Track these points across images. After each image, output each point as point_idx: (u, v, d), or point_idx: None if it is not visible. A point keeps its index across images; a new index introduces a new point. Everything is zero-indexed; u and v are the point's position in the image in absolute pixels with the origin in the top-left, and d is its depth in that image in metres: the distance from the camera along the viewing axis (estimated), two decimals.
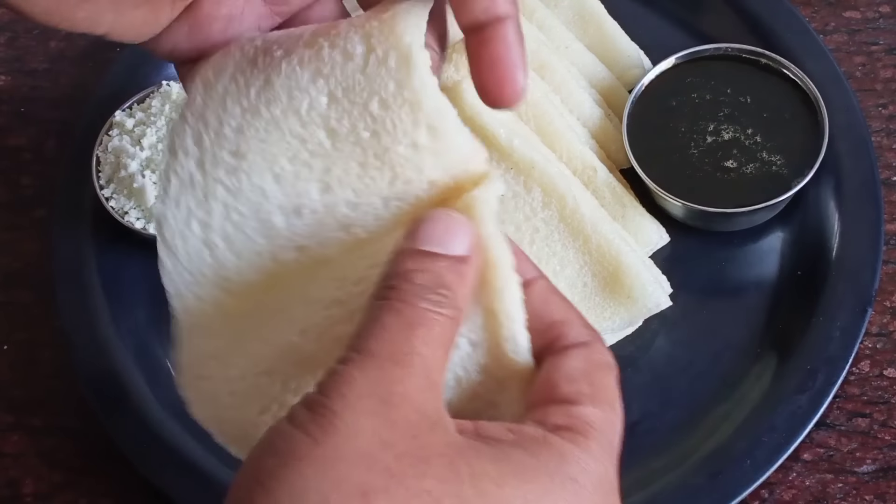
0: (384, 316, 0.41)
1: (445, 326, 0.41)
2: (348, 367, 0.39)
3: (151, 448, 0.77)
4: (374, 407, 0.39)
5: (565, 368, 0.44)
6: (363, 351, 0.40)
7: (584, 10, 0.92)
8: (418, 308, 0.41)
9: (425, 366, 0.40)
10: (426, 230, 0.43)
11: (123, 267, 0.86)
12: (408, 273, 0.42)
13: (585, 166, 0.83)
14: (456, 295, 0.42)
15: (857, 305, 0.77)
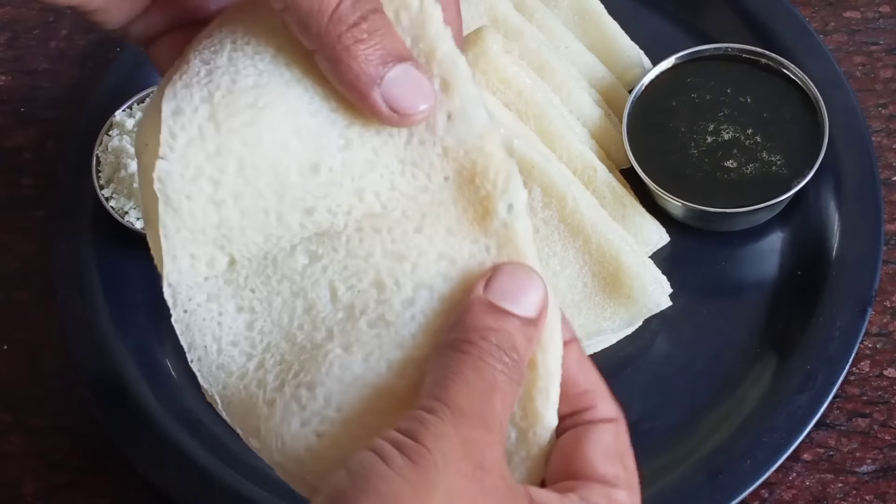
0: (467, 372, 0.42)
1: (514, 391, 0.43)
2: (442, 421, 0.41)
3: (151, 448, 0.77)
4: (470, 471, 0.40)
5: (601, 445, 0.46)
6: (452, 406, 0.41)
7: (584, 10, 0.92)
8: (497, 371, 0.43)
9: (502, 432, 0.42)
10: (502, 283, 0.45)
11: (123, 267, 0.86)
12: (485, 331, 0.43)
13: (585, 166, 0.83)
14: (523, 359, 0.44)
15: (857, 305, 0.77)
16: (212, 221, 0.49)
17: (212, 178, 0.49)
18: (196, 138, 0.48)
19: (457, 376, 0.42)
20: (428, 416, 0.41)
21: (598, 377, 0.48)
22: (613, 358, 0.80)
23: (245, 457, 0.78)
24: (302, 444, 0.46)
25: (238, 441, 0.79)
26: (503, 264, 0.46)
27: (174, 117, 0.48)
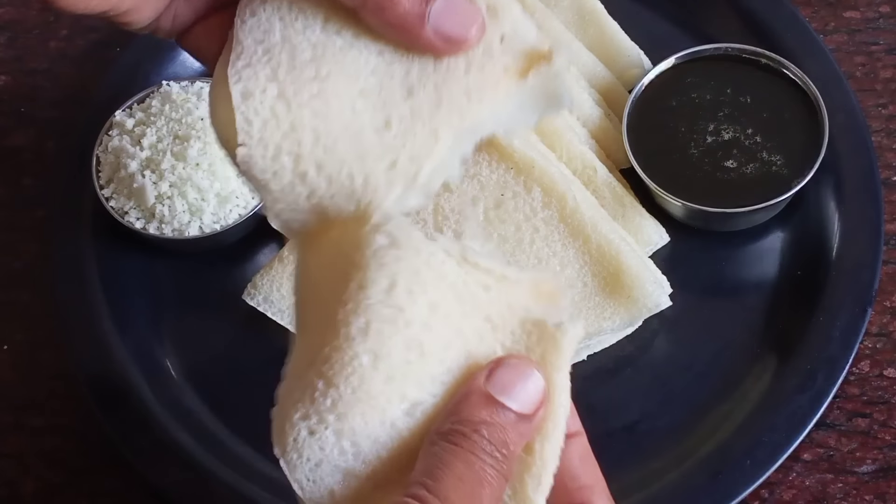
0: (458, 465, 0.43)
1: (502, 486, 0.44)
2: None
3: (151, 448, 0.77)
4: None
5: None
6: (442, 498, 0.42)
7: (584, 10, 0.92)
8: (486, 465, 0.43)
9: None
10: (503, 376, 0.45)
11: (123, 267, 0.86)
12: (479, 424, 0.44)
13: (585, 166, 0.83)
14: (513, 455, 0.44)
15: (857, 305, 0.77)
16: (301, 194, 0.50)
17: (291, 152, 0.49)
18: (270, 119, 0.49)
19: (448, 468, 0.43)
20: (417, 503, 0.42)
21: (599, 474, 0.49)
22: (613, 358, 0.80)
23: (245, 457, 0.78)
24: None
25: (238, 441, 0.80)
26: (507, 356, 0.46)
27: (244, 102, 0.49)
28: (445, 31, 0.46)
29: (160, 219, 0.83)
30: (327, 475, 0.45)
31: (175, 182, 0.82)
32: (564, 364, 0.46)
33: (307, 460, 0.45)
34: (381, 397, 0.45)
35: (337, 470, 0.45)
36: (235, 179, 0.83)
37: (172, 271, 0.86)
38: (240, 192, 0.84)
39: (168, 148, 0.83)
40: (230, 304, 0.83)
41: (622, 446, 0.76)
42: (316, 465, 0.45)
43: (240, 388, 0.81)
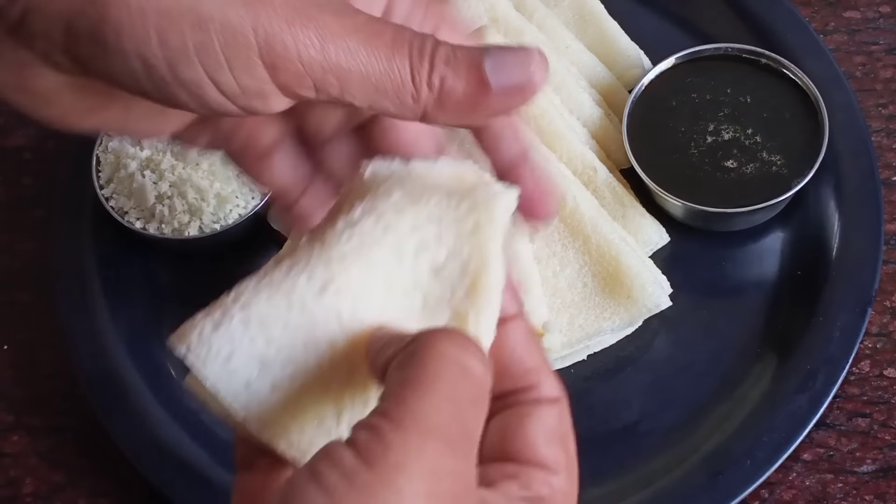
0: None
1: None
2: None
3: (151, 448, 0.77)
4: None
5: (543, 426, 0.44)
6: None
7: (584, 10, 0.92)
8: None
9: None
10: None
11: (123, 267, 0.86)
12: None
13: (585, 166, 0.83)
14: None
15: (857, 305, 0.77)
16: None
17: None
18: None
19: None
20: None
21: (544, 356, 0.46)
22: (613, 358, 0.80)
23: None
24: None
25: None
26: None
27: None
28: (508, 82, 0.43)
29: (160, 219, 0.83)
30: (242, 366, 0.43)
31: (175, 182, 0.82)
32: (498, 232, 0.43)
33: (216, 353, 0.43)
34: (285, 281, 0.44)
35: (252, 359, 0.43)
36: (235, 179, 0.83)
37: (172, 271, 0.86)
38: (240, 192, 0.84)
39: (168, 148, 0.83)
40: None
41: (622, 446, 0.76)
42: (227, 358, 0.44)
43: None
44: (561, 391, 0.45)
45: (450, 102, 0.43)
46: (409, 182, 0.44)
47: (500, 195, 0.44)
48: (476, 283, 0.43)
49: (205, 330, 0.44)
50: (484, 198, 0.44)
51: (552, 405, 0.44)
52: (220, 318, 0.44)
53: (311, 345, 0.43)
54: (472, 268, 0.43)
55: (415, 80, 0.42)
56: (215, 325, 0.44)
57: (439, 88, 0.43)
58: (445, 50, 0.43)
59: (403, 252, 0.43)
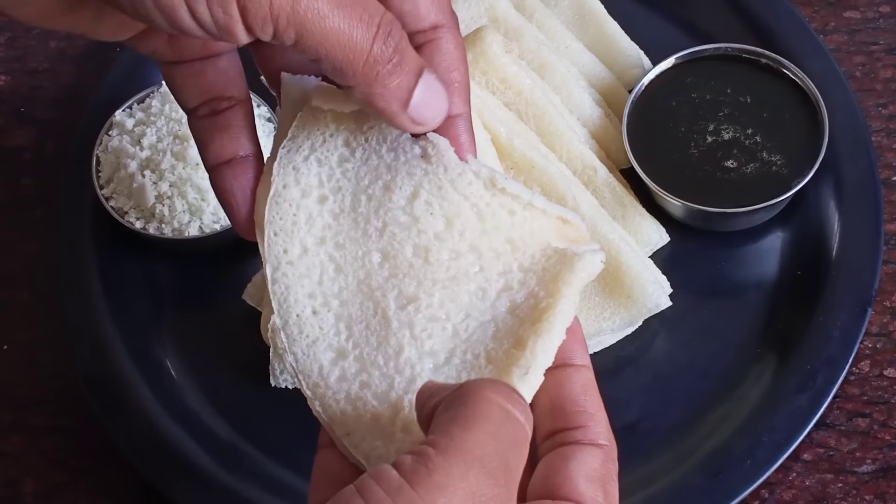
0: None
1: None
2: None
3: (151, 448, 0.77)
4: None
5: (586, 467, 0.46)
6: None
7: (584, 10, 0.92)
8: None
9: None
10: None
11: (123, 267, 0.86)
12: None
13: (585, 166, 0.83)
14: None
15: (857, 305, 0.77)
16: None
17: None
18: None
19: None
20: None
21: (601, 406, 0.49)
22: (613, 358, 0.80)
23: (245, 457, 0.78)
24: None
25: (237, 441, 0.79)
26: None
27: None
28: (421, 118, 0.48)
29: (160, 219, 0.83)
30: (321, 352, 0.50)
31: (175, 182, 0.82)
32: (576, 282, 0.48)
33: (306, 336, 0.50)
34: (377, 292, 0.50)
35: (330, 348, 0.50)
36: None
37: (172, 271, 0.86)
38: None
39: (168, 148, 0.83)
40: (230, 304, 0.83)
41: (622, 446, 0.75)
42: (312, 342, 0.50)
43: (239, 388, 0.81)
44: (610, 440, 0.48)
45: (376, 98, 0.47)
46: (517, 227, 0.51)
47: (589, 256, 0.49)
48: (543, 316, 0.48)
49: (304, 313, 0.51)
50: (573, 256, 0.49)
51: (598, 449, 0.47)
52: (319, 308, 0.51)
53: (381, 350, 0.49)
54: (543, 304, 0.48)
55: (372, 51, 0.45)
56: (314, 311, 0.51)
57: (381, 82, 0.46)
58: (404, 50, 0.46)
59: (488, 291, 0.50)
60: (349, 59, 0.45)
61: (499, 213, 0.50)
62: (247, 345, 0.81)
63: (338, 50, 0.45)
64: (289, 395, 0.78)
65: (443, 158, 0.50)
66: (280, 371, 0.77)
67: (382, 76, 0.46)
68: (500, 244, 0.50)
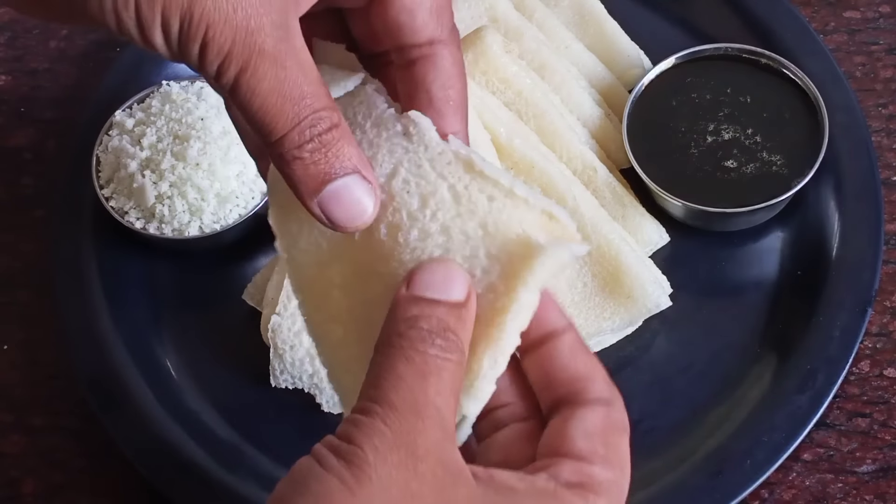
0: (398, 365, 0.43)
1: (453, 372, 0.43)
2: (374, 420, 0.42)
3: (151, 448, 0.77)
4: (402, 459, 0.41)
5: (583, 424, 0.46)
6: (383, 403, 0.42)
7: (584, 10, 0.92)
8: (428, 355, 0.43)
9: (441, 416, 0.42)
10: (425, 278, 0.45)
11: (123, 267, 0.86)
12: (413, 319, 0.44)
13: (585, 166, 0.83)
14: (459, 338, 0.44)
15: (857, 305, 0.77)
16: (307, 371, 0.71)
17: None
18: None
19: (388, 372, 0.43)
20: (362, 417, 0.42)
21: (594, 363, 0.48)
22: (613, 358, 0.80)
23: (245, 457, 0.78)
24: None
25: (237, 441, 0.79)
26: (423, 262, 0.46)
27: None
28: (331, 215, 0.47)
29: (160, 219, 0.83)
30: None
31: (175, 182, 0.82)
32: (533, 283, 0.45)
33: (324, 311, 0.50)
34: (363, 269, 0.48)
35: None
36: (235, 179, 0.83)
37: (172, 271, 0.86)
38: (240, 192, 0.84)
39: (168, 148, 0.83)
40: (230, 304, 0.83)
41: None
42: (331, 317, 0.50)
43: (239, 388, 0.81)
44: (612, 393, 0.47)
45: (285, 172, 0.47)
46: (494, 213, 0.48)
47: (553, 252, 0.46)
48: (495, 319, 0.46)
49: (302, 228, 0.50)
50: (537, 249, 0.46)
51: (598, 406, 0.46)
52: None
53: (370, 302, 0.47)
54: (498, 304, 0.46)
55: (280, 140, 0.46)
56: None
57: (287, 161, 0.46)
58: (318, 145, 0.46)
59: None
60: (267, 132, 0.45)
61: (477, 197, 0.48)
62: (247, 345, 0.81)
63: (261, 119, 0.45)
64: (289, 395, 0.78)
65: (424, 137, 0.48)
66: (280, 371, 0.77)
67: (288, 156, 0.46)
68: (472, 228, 0.47)
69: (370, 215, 0.47)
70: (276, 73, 0.44)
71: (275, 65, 0.44)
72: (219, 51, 0.43)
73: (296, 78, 0.45)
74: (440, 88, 0.49)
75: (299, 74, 0.45)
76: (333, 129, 0.46)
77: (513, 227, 0.47)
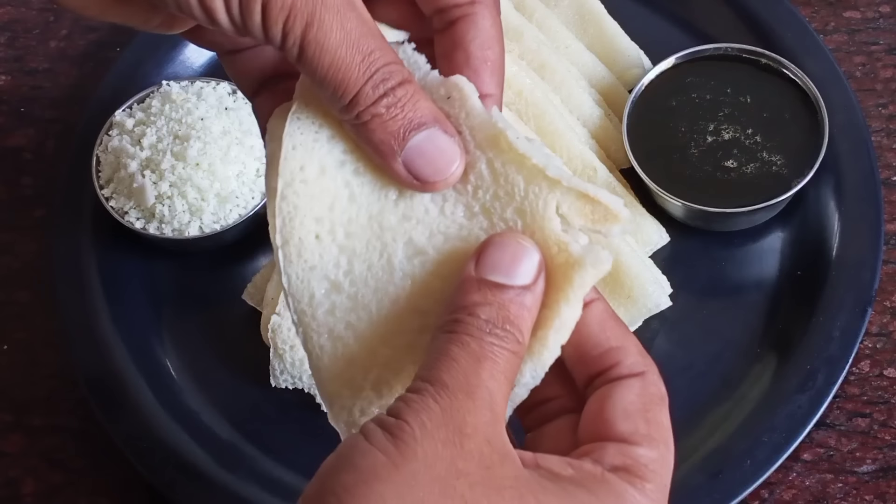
0: (453, 348, 0.43)
1: (509, 360, 0.43)
2: (425, 398, 0.41)
3: (151, 448, 0.77)
4: (449, 436, 0.41)
5: (622, 403, 0.45)
6: (436, 382, 0.42)
7: (584, 10, 0.92)
8: (484, 342, 0.43)
9: (492, 398, 0.42)
10: (492, 258, 0.45)
11: (123, 267, 0.86)
12: (473, 307, 0.44)
13: (585, 166, 0.83)
14: (520, 328, 0.44)
15: (857, 305, 0.77)
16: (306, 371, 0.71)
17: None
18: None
19: (443, 356, 0.43)
20: (412, 395, 0.42)
21: (625, 331, 0.48)
22: None
23: (245, 457, 0.78)
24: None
25: (237, 441, 0.79)
26: (493, 236, 0.46)
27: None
28: (417, 170, 0.46)
29: (160, 219, 0.83)
30: (315, 280, 0.47)
31: (175, 182, 0.82)
32: (574, 298, 0.45)
33: (304, 261, 0.48)
34: (388, 233, 0.47)
35: (326, 279, 0.47)
36: (235, 179, 0.83)
37: (172, 271, 0.86)
38: (240, 192, 0.84)
39: (168, 148, 0.83)
40: (230, 304, 0.83)
41: None
42: (310, 269, 0.48)
43: (239, 388, 0.81)
44: (645, 363, 0.47)
45: (364, 135, 0.46)
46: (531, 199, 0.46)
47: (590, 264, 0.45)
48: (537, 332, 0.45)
49: (306, 238, 0.48)
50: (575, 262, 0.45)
51: (632, 380, 0.46)
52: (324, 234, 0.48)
53: (377, 295, 0.47)
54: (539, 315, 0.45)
55: (354, 100, 0.45)
56: (317, 236, 0.48)
57: (366, 121, 0.45)
58: (395, 99, 0.45)
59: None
60: (342, 90, 0.45)
61: (514, 178, 0.46)
62: (247, 345, 0.81)
63: (332, 76, 0.45)
64: (289, 395, 0.78)
65: (466, 103, 0.47)
66: (280, 371, 0.77)
67: (365, 116, 0.45)
68: (510, 215, 0.46)
69: (458, 166, 0.46)
70: (342, 25, 0.44)
71: (339, 16, 0.44)
72: (282, 5, 0.43)
73: (362, 30, 0.44)
74: (479, 48, 0.48)
75: (364, 27, 0.45)
76: (406, 83, 0.46)
77: (550, 216, 0.46)
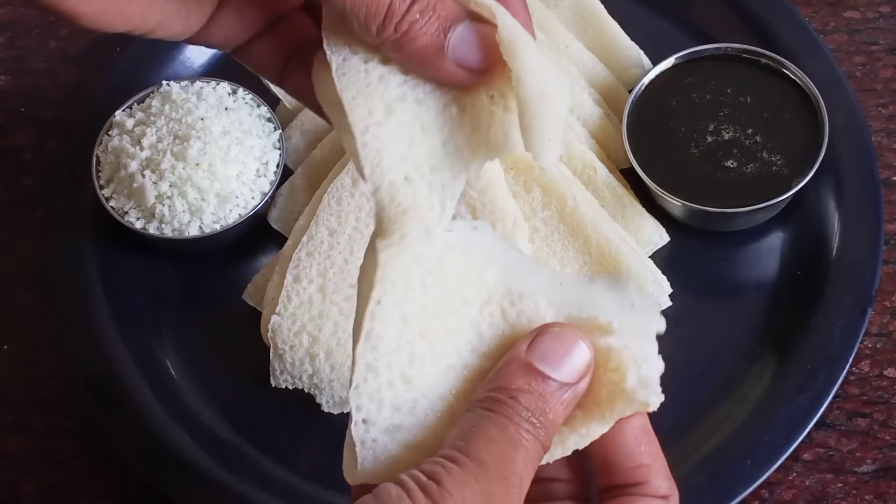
0: (491, 427, 0.44)
1: (538, 451, 0.44)
2: (466, 473, 0.42)
3: (151, 448, 0.77)
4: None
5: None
6: (474, 459, 0.43)
7: (584, 10, 0.92)
8: (522, 429, 0.44)
9: (522, 487, 0.43)
10: (545, 346, 0.46)
11: (123, 267, 0.86)
12: (516, 391, 0.44)
13: (585, 166, 0.83)
14: (554, 423, 0.45)
15: (857, 305, 0.77)
16: (307, 371, 0.75)
17: (311, 334, 0.75)
18: (305, 303, 0.75)
19: (481, 432, 0.43)
20: (451, 464, 0.43)
21: (657, 452, 0.49)
22: None
23: (245, 457, 0.78)
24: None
25: (237, 441, 0.79)
26: (550, 325, 0.46)
27: (294, 284, 0.76)
28: (466, 60, 0.46)
29: (160, 219, 0.83)
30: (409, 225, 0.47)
31: (175, 182, 0.82)
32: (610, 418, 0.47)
33: (397, 205, 0.47)
34: (466, 149, 0.47)
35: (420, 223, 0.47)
36: (235, 179, 0.83)
37: (172, 271, 0.86)
38: (240, 192, 0.84)
39: (168, 148, 0.83)
40: (230, 304, 0.83)
41: None
42: (403, 212, 0.46)
43: (239, 388, 0.81)
44: (670, 487, 0.48)
45: (406, 48, 0.46)
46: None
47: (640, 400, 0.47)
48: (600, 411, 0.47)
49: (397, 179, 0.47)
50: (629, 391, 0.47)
51: (657, 501, 0.47)
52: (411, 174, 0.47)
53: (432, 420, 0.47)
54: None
55: (387, 15, 0.45)
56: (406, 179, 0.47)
57: (405, 31, 0.45)
58: (424, 4, 0.45)
59: None
60: (374, 8, 0.45)
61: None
62: (247, 345, 0.81)
63: (360, 3, 0.45)
64: (289, 395, 0.78)
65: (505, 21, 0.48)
66: (280, 371, 0.77)
67: (402, 26, 0.45)
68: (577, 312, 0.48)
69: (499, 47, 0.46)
70: None
71: None
72: None
73: None
74: None
75: None
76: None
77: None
